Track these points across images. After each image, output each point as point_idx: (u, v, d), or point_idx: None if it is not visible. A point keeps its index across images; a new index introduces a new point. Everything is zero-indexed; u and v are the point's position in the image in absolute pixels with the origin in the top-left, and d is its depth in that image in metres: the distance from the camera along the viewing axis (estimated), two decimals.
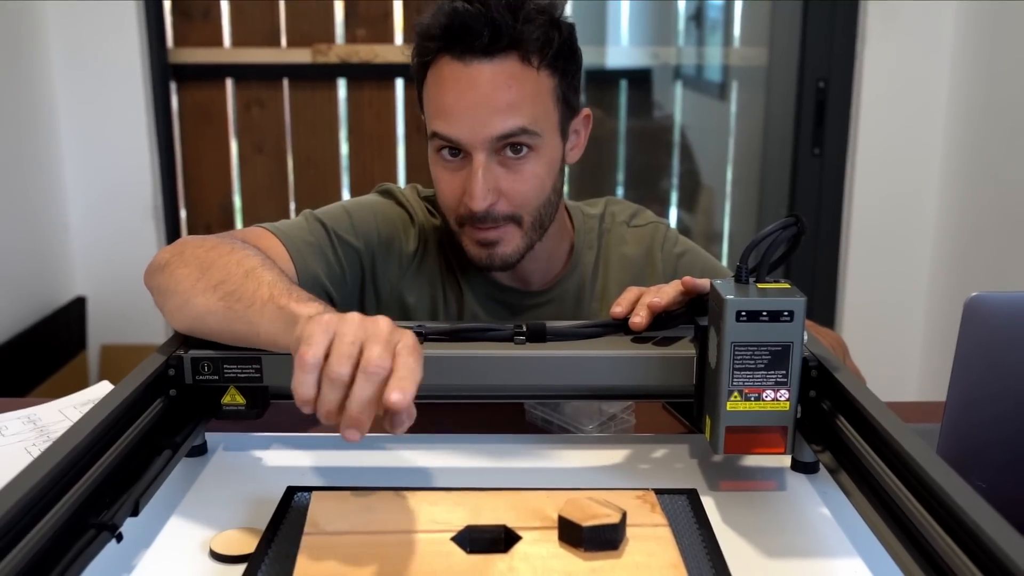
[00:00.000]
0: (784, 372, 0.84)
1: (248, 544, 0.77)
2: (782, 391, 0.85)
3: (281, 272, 0.93)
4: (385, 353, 0.72)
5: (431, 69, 1.12)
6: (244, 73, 2.76)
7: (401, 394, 0.70)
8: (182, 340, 0.96)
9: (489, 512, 0.76)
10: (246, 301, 0.88)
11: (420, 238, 1.23)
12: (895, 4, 2.53)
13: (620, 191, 2.94)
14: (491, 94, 1.08)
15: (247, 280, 0.90)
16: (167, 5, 2.69)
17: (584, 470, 0.95)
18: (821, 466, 0.92)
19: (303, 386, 0.71)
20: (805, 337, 0.87)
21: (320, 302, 0.86)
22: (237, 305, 0.88)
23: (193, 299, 0.92)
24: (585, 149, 1.22)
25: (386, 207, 1.23)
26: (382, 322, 0.75)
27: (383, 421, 0.72)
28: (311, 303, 0.84)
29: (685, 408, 1.02)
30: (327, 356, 0.72)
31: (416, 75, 1.16)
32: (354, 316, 0.75)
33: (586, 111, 1.19)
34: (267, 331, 0.86)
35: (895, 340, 2.70)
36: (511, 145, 1.09)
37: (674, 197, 2.97)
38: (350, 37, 2.73)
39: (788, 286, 0.86)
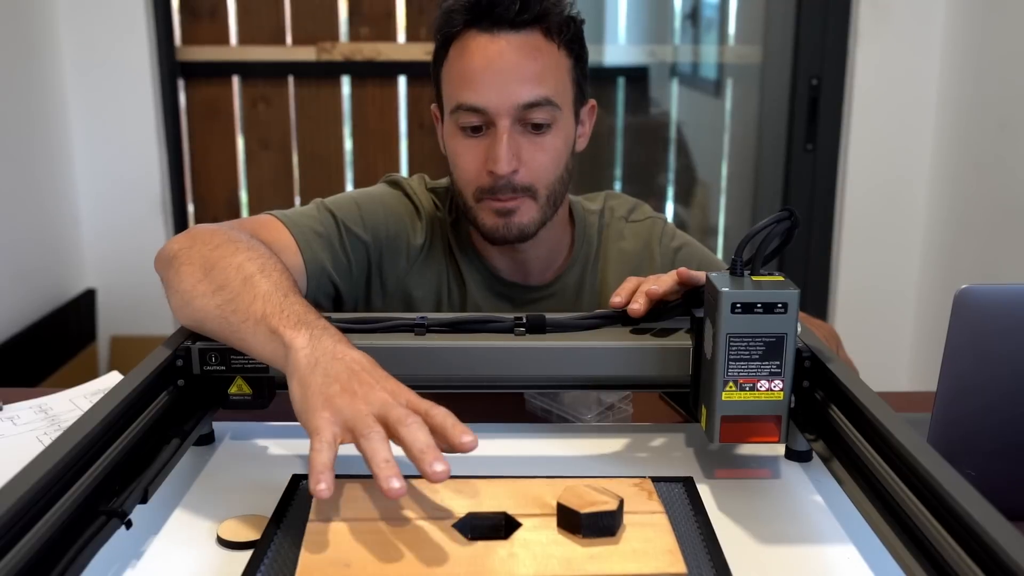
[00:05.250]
0: (778, 363, 0.85)
1: (254, 531, 0.78)
2: (776, 381, 0.86)
3: (280, 277, 0.91)
4: (409, 411, 0.75)
5: (455, 44, 1.13)
6: (250, 71, 2.78)
7: (469, 435, 0.73)
8: (190, 331, 0.96)
9: (490, 500, 0.77)
10: (241, 314, 0.87)
11: (427, 232, 1.23)
12: (886, 3, 2.54)
13: (618, 186, 2.96)
14: (518, 63, 1.10)
15: (244, 289, 0.88)
16: (175, 4, 2.70)
17: (582, 458, 0.96)
18: (814, 454, 0.93)
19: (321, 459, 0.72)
20: (799, 328, 0.88)
21: (312, 317, 0.85)
22: (233, 317, 0.87)
23: (193, 301, 0.91)
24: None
25: (395, 199, 1.24)
26: (380, 391, 0.77)
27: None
28: (300, 328, 0.83)
29: (682, 398, 1.03)
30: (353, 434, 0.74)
31: (437, 53, 1.17)
32: (352, 394, 0.76)
33: (592, 102, 1.22)
34: (260, 353, 0.86)
35: (886, 331, 2.72)
36: (533, 117, 1.11)
37: (671, 192, 2.98)
38: (354, 35, 2.74)
39: (782, 279, 0.87)
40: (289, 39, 2.75)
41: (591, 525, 0.72)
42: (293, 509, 0.81)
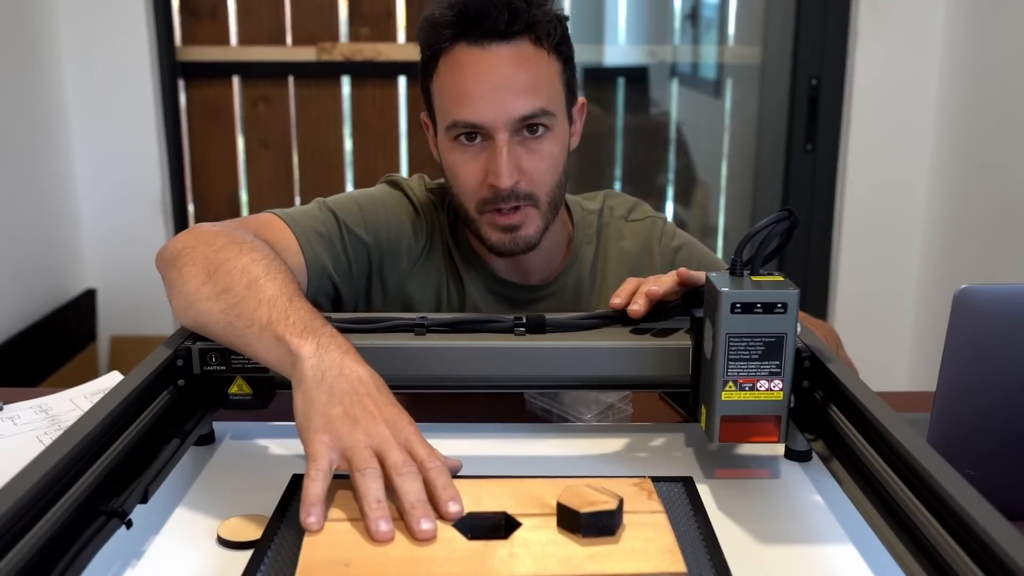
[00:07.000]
0: (778, 363, 0.85)
1: (255, 530, 0.78)
2: (776, 381, 0.86)
3: (284, 280, 0.91)
4: (407, 456, 0.77)
5: (444, 58, 1.12)
6: (250, 71, 2.78)
7: (456, 504, 0.74)
8: (190, 331, 0.96)
9: (490, 499, 0.77)
10: (246, 319, 0.87)
11: (427, 233, 1.23)
12: (886, 3, 2.54)
13: (618, 186, 2.96)
14: (511, 75, 1.09)
15: (249, 294, 0.88)
16: (175, 4, 2.70)
17: (582, 458, 0.96)
18: (814, 454, 0.93)
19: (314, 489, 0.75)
20: (798, 328, 0.88)
21: (318, 324, 0.85)
22: (237, 322, 0.87)
23: (197, 304, 0.91)
24: (584, 145, 1.23)
25: (395, 200, 1.23)
26: (381, 424, 0.78)
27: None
28: (307, 337, 0.83)
29: (681, 398, 1.03)
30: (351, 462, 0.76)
31: (425, 67, 1.16)
32: (353, 420, 0.78)
33: (582, 99, 1.21)
34: (265, 359, 0.86)
35: (886, 331, 2.72)
36: (529, 126, 1.11)
37: (670, 192, 2.99)
38: (354, 35, 2.74)
39: (782, 279, 0.87)
40: (289, 39, 2.75)
41: (591, 525, 0.72)
42: (293, 509, 0.80)
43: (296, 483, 0.85)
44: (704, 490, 0.88)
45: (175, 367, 0.94)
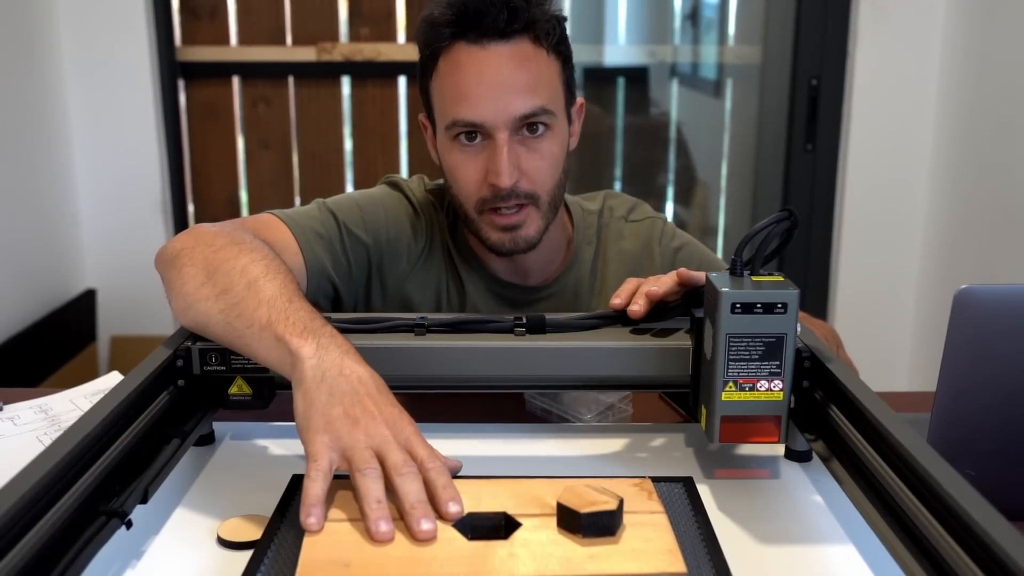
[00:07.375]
0: (778, 363, 0.85)
1: (254, 531, 0.78)
2: (776, 381, 0.86)
3: (284, 280, 0.91)
4: (407, 456, 0.77)
5: (443, 57, 1.12)
6: (250, 71, 2.78)
7: (457, 504, 0.74)
8: (190, 332, 0.96)
9: (490, 499, 0.77)
10: (246, 320, 0.87)
11: (427, 234, 1.23)
12: (886, 3, 2.55)
13: (618, 186, 2.96)
14: (511, 74, 1.09)
15: (249, 294, 0.88)
16: (175, 4, 2.70)
17: (582, 458, 0.96)
18: (814, 454, 0.93)
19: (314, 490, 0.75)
20: (798, 328, 0.88)
21: (317, 325, 0.85)
22: (237, 322, 0.87)
23: (196, 304, 0.91)
24: (584, 145, 1.23)
25: (395, 201, 1.23)
26: (381, 425, 0.78)
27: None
28: (307, 337, 0.83)
29: (681, 398, 1.03)
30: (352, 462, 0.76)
31: (424, 67, 1.16)
32: (353, 421, 0.78)
33: (580, 100, 1.21)
34: (265, 359, 0.86)
35: (886, 332, 2.72)
36: (529, 125, 1.11)
37: (670, 192, 2.99)
38: (354, 36, 2.74)
39: (782, 279, 0.87)
40: (289, 39, 2.75)
41: (591, 525, 0.72)
42: (293, 509, 0.80)
43: (296, 483, 0.85)
44: (704, 490, 0.88)
45: (175, 367, 0.94)
